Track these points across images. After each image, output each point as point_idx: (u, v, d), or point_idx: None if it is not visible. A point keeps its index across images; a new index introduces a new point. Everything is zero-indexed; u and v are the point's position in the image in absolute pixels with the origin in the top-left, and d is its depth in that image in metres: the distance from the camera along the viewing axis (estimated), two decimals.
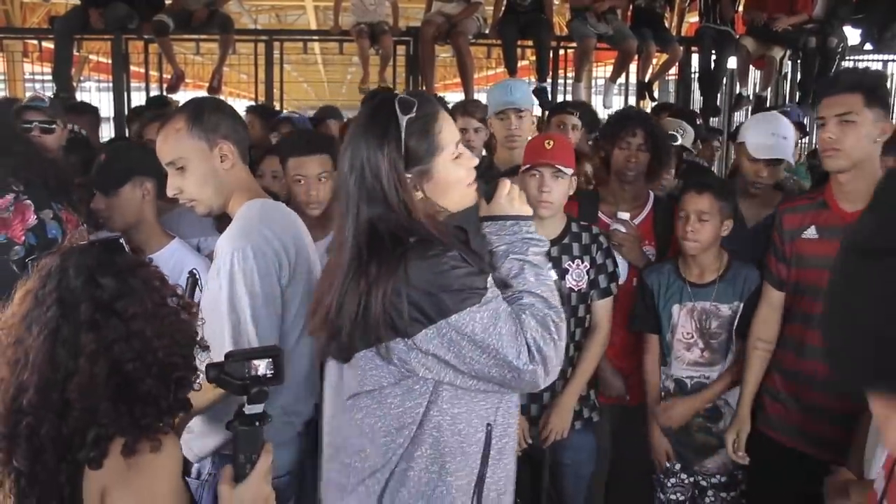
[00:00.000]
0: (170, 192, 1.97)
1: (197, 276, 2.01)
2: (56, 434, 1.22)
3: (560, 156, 2.41)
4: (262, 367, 1.32)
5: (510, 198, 1.53)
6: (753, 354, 2.47)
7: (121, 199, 2.46)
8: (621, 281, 2.66)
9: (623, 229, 2.72)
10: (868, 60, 7.01)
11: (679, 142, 3.14)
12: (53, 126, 3.22)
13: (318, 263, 2.08)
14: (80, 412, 1.22)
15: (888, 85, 7.10)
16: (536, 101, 5.38)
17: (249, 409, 1.31)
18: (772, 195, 2.89)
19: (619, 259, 2.68)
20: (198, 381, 1.35)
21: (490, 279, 1.48)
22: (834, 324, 0.79)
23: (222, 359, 1.34)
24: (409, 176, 1.49)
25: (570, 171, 2.43)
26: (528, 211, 1.52)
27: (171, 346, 1.29)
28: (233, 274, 1.82)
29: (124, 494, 1.24)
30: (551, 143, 2.44)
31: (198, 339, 1.36)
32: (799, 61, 6.46)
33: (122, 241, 1.37)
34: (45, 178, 2.39)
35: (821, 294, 2.26)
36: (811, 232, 2.31)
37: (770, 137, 2.83)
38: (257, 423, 1.32)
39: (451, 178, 1.53)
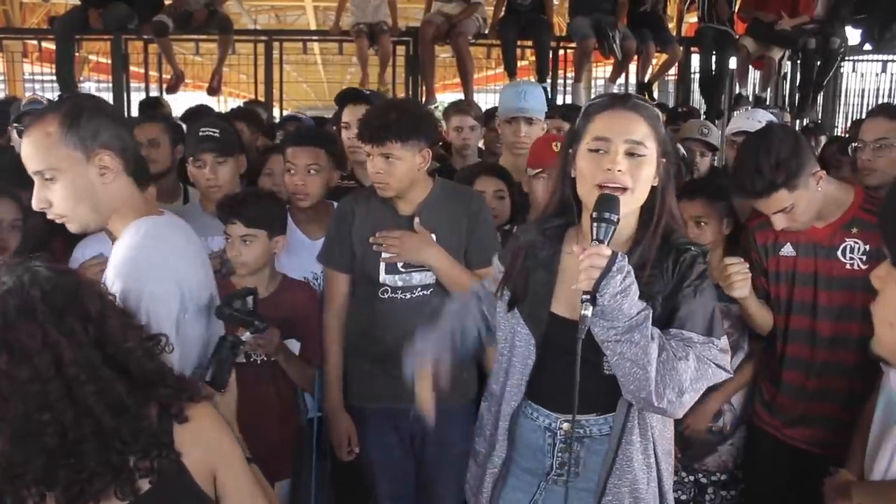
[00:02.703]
0: (36, 206, 1.68)
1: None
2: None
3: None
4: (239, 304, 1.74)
5: None
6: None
7: None
8: None
9: None
10: (868, 60, 7.01)
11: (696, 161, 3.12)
12: None
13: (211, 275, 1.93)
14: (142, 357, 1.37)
15: (887, 85, 7.14)
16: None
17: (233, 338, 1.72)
18: None
19: None
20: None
21: None
22: None
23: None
24: None
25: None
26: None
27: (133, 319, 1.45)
28: None
29: (228, 463, 1.42)
30: (558, 144, 2.42)
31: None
32: (798, 62, 6.46)
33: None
34: None
35: (798, 310, 2.28)
36: (787, 250, 2.30)
37: (743, 120, 3.01)
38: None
39: None
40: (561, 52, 6.58)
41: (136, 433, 1.29)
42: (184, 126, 3.46)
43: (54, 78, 6.15)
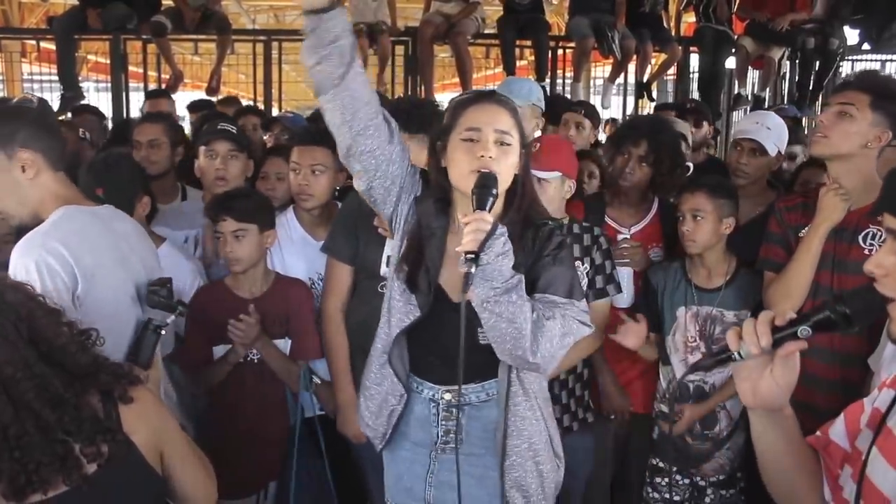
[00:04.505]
0: None
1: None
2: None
3: (543, 161, 2.30)
4: (165, 292, 1.90)
5: None
6: None
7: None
8: (625, 297, 2.57)
9: (627, 245, 2.66)
10: (867, 60, 7.01)
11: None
12: None
13: (151, 264, 2.04)
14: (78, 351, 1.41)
15: None
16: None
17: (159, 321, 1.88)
18: (765, 194, 2.89)
19: (625, 277, 2.58)
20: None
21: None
22: None
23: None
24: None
25: (554, 174, 2.37)
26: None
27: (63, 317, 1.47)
28: None
29: (172, 438, 1.51)
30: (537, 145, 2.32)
31: None
32: (798, 61, 6.46)
33: None
34: None
35: (822, 293, 2.25)
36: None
37: (752, 124, 2.99)
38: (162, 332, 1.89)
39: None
40: (560, 51, 6.59)
41: (78, 422, 1.33)
42: (186, 121, 3.44)
43: (53, 78, 6.15)
